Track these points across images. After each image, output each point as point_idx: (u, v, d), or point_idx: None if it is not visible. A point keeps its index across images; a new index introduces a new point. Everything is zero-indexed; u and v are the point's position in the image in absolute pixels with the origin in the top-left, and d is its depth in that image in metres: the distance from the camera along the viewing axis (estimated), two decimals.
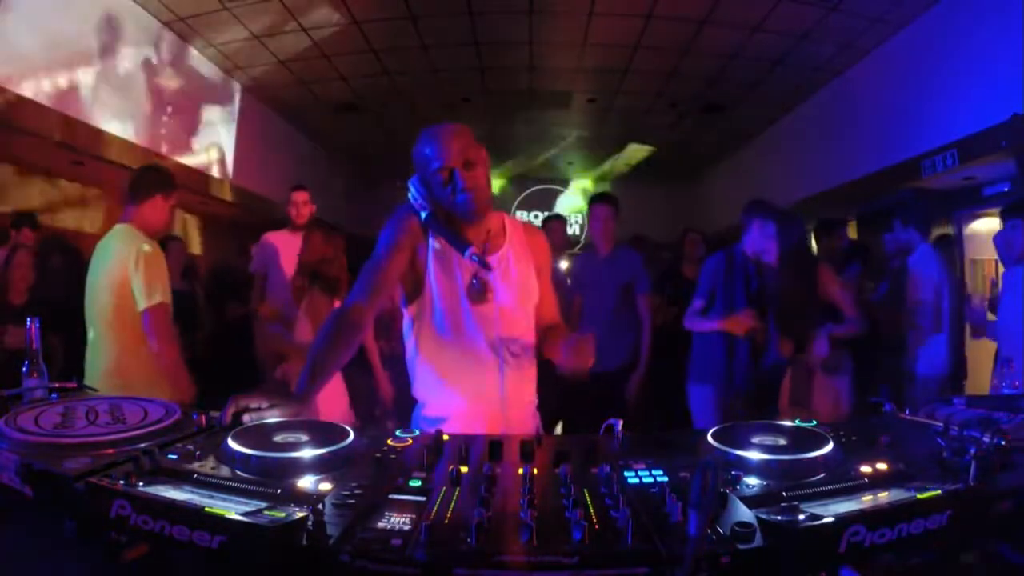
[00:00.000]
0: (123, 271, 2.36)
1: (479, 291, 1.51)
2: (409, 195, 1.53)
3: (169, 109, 5.15)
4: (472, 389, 1.53)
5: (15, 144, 3.97)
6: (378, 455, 1.02)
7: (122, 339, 2.39)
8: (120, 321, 2.38)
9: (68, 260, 3.85)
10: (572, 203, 10.83)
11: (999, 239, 3.05)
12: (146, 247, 2.40)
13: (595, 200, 3.62)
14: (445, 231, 1.51)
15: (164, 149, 5.06)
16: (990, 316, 3.18)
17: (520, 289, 1.58)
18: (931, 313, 3.12)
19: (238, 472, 0.91)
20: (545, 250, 1.70)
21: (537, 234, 1.72)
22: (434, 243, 1.53)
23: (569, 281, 3.83)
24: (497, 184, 10.06)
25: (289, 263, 3.45)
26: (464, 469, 0.95)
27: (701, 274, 2.99)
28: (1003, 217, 3.09)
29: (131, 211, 2.50)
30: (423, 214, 1.51)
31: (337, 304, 3.16)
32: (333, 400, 2.83)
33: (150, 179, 2.58)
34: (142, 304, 2.35)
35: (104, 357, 2.41)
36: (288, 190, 3.80)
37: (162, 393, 2.29)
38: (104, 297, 2.39)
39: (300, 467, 0.93)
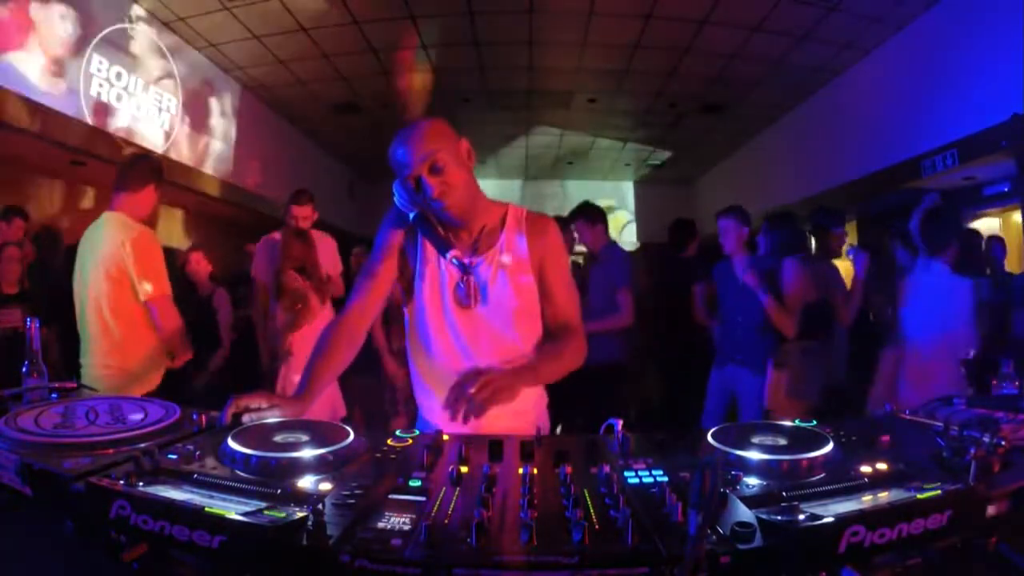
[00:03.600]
0: (118, 260, 2.31)
1: (464, 295, 1.46)
2: (395, 198, 1.50)
3: (169, 109, 5.15)
4: None
5: (13, 143, 3.96)
6: (378, 455, 1.02)
7: (119, 326, 2.34)
8: (114, 309, 2.33)
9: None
10: (572, 204, 10.81)
11: None
12: (141, 235, 2.36)
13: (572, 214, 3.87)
14: (430, 232, 1.46)
15: (164, 148, 5.05)
16: None
17: (511, 290, 1.49)
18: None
19: (238, 472, 0.91)
20: (551, 243, 1.53)
21: (543, 225, 1.54)
22: (422, 245, 1.50)
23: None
24: (493, 184, 10.05)
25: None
26: (464, 469, 0.95)
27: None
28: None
29: (122, 199, 2.42)
30: (411, 215, 1.47)
31: (322, 307, 3.18)
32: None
33: (144, 168, 2.52)
34: (143, 295, 2.32)
35: (99, 344, 2.36)
36: (289, 197, 3.38)
37: (155, 372, 2.42)
38: (98, 286, 2.33)
39: (300, 467, 0.93)
